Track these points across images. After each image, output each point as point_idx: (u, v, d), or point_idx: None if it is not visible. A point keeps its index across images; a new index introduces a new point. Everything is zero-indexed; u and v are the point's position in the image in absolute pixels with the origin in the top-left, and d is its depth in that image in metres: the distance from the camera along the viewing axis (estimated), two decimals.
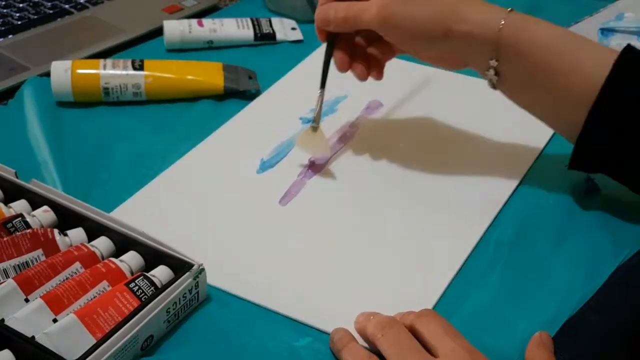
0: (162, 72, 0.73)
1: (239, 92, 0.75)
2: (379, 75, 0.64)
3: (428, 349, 0.45)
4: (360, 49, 0.63)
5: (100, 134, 0.70)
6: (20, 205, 0.56)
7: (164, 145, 0.68)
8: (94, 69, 0.72)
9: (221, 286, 0.53)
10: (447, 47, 0.57)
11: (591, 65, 0.54)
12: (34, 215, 0.54)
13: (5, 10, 0.88)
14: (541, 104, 0.58)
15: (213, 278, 0.52)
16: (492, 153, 0.67)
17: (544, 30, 0.56)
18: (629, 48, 0.54)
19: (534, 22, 0.56)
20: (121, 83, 0.72)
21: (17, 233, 0.52)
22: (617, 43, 0.84)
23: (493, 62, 0.56)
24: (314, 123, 0.64)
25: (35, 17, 0.88)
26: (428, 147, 0.68)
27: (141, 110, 0.73)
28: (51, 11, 0.89)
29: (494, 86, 0.58)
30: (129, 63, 0.73)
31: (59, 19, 0.88)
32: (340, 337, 0.48)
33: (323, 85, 0.64)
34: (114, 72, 0.72)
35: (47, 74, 0.73)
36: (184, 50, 0.84)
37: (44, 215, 0.55)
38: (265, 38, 0.85)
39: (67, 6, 0.91)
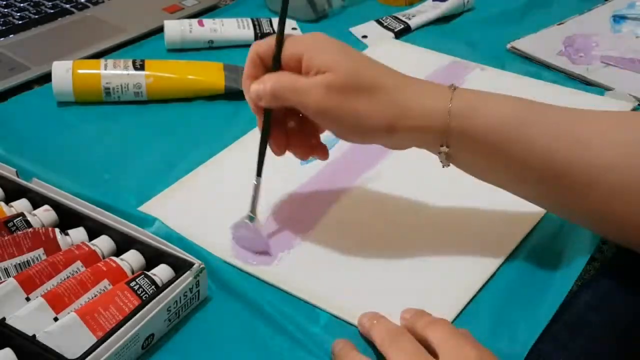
0: (163, 72, 0.74)
1: (239, 92, 0.75)
2: (324, 156, 0.57)
3: (436, 356, 0.45)
4: (294, 126, 0.56)
5: (102, 134, 0.70)
6: (21, 205, 0.56)
7: (165, 144, 0.68)
8: (95, 69, 0.72)
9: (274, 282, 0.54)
10: (392, 140, 0.53)
11: (542, 142, 0.50)
12: (34, 215, 0.55)
13: (6, 10, 0.88)
14: (499, 181, 0.54)
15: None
16: None
17: (494, 112, 0.50)
18: None
19: (482, 104, 0.51)
20: (122, 83, 0.72)
21: (18, 232, 0.52)
22: (629, 29, 0.87)
23: (444, 149, 0.51)
24: (251, 213, 0.56)
25: (36, 16, 0.88)
26: None
27: (142, 109, 0.73)
28: (52, 11, 0.89)
29: (446, 164, 0.53)
30: (130, 63, 0.74)
31: (59, 19, 0.88)
32: (341, 348, 0.48)
33: (260, 172, 0.56)
34: (115, 72, 0.72)
35: (48, 74, 0.73)
36: (185, 50, 0.84)
37: (44, 214, 0.55)
38: (265, 38, 0.85)
39: (67, 6, 0.91)
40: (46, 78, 0.75)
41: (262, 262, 0.55)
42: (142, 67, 0.73)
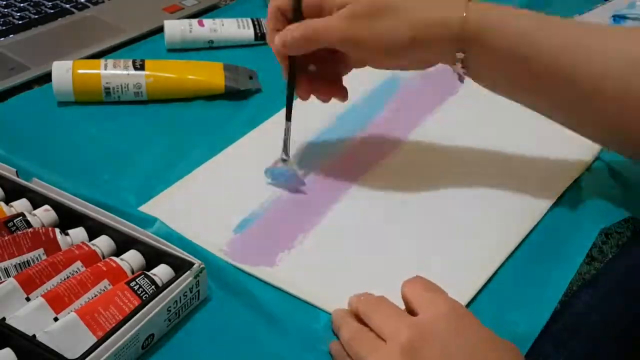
0: (163, 72, 0.74)
1: (239, 92, 0.75)
2: (344, 97, 0.62)
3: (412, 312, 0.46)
4: (316, 71, 0.62)
5: (102, 134, 0.70)
6: (21, 205, 0.56)
7: (166, 144, 0.68)
8: (95, 69, 0.72)
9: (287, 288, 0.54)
10: (415, 55, 0.57)
11: (550, 49, 0.53)
12: (34, 215, 0.55)
13: (6, 10, 0.88)
14: (512, 90, 0.57)
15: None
16: (544, 153, 0.66)
17: (507, 20, 0.54)
18: None
19: (496, 12, 0.55)
20: (122, 83, 0.72)
21: (18, 232, 0.52)
22: None
23: (460, 55, 0.55)
24: (284, 155, 0.62)
25: (36, 16, 0.88)
26: (474, 149, 0.67)
27: (142, 109, 0.73)
28: (52, 11, 0.89)
29: (461, 79, 0.58)
30: (130, 63, 0.73)
31: (59, 19, 0.88)
32: (338, 315, 0.50)
33: (289, 117, 0.61)
34: (115, 72, 0.72)
35: (48, 74, 0.73)
36: (185, 49, 0.84)
37: (44, 214, 0.55)
38: (265, 38, 0.85)
39: (67, 6, 0.91)
40: (46, 78, 0.75)
41: (262, 262, 0.55)
42: (142, 67, 0.73)
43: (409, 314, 0.46)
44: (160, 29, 0.85)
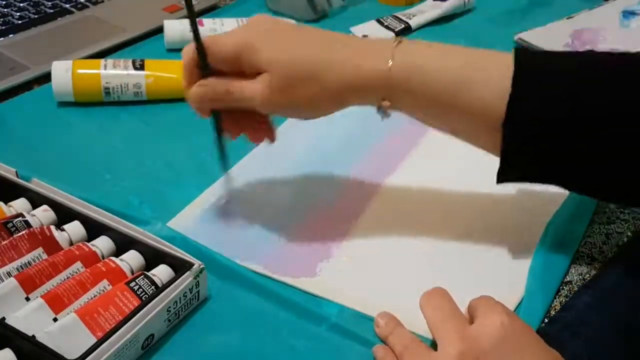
0: (163, 72, 0.74)
1: None
2: (272, 139, 0.58)
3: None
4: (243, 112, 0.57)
5: (102, 134, 0.70)
6: (20, 204, 0.56)
7: (166, 144, 0.68)
8: (94, 69, 0.72)
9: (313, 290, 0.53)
10: (336, 109, 0.54)
11: (490, 93, 0.50)
12: (34, 215, 0.55)
13: (5, 10, 0.88)
14: (444, 130, 0.55)
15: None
16: None
17: (434, 63, 0.51)
18: (521, 51, 0.51)
19: (423, 61, 0.51)
20: (122, 83, 0.72)
21: (17, 234, 0.52)
22: (638, 25, 0.87)
23: (386, 103, 0.52)
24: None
25: (36, 16, 0.88)
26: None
27: (142, 109, 0.73)
28: (51, 10, 0.89)
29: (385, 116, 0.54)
30: (130, 63, 0.73)
31: (59, 19, 0.88)
32: (386, 322, 0.49)
33: (226, 167, 0.60)
34: (115, 72, 0.72)
35: (48, 74, 0.73)
36: None
37: (43, 214, 0.55)
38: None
39: (67, 5, 0.91)
40: (46, 78, 0.75)
41: (303, 273, 0.55)
42: (142, 67, 0.73)
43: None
44: (160, 29, 0.85)
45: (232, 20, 0.86)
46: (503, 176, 0.52)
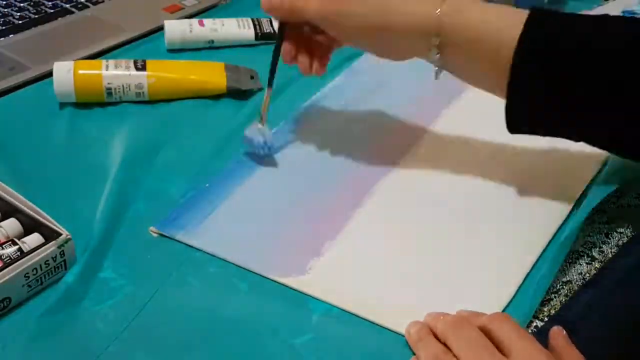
0: (165, 72, 0.74)
1: (241, 92, 0.76)
2: (321, 69, 0.64)
3: (500, 350, 0.45)
4: (307, 39, 0.64)
5: (104, 135, 0.70)
6: None
7: (168, 145, 0.69)
8: (96, 70, 0.72)
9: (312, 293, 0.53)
10: (388, 40, 0.59)
11: (507, 31, 0.55)
12: None
13: (5, 10, 0.88)
14: (484, 84, 0.59)
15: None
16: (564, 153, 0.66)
17: (477, 12, 0.56)
18: (535, 9, 0.55)
19: (467, 5, 0.57)
20: (124, 83, 0.72)
21: None
22: None
23: (434, 40, 0.56)
24: (259, 124, 0.65)
25: (36, 16, 0.88)
26: (499, 148, 0.67)
27: (144, 110, 0.73)
28: (52, 10, 0.89)
29: (438, 73, 0.59)
30: (132, 63, 0.74)
31: (59, 19, 0.88)
32: (417, 330, 0.49)
33: (270, 83, 0.64)
34: (117, 73, 0.72)
35: (48, 74, 0.73)
36: (185, 50, 0.84)
37: None
38: (266, 37, 0.85)
39: (67, 5, 0.91)
40: (46, 78, 0.75)
41: (293, 271, 0.54)
42: (143, 68, 0.73)
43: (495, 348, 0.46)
44: (160, 29, 0.85)
45: (233, 20, 0.86)
46: (511, 114, 0.56)
